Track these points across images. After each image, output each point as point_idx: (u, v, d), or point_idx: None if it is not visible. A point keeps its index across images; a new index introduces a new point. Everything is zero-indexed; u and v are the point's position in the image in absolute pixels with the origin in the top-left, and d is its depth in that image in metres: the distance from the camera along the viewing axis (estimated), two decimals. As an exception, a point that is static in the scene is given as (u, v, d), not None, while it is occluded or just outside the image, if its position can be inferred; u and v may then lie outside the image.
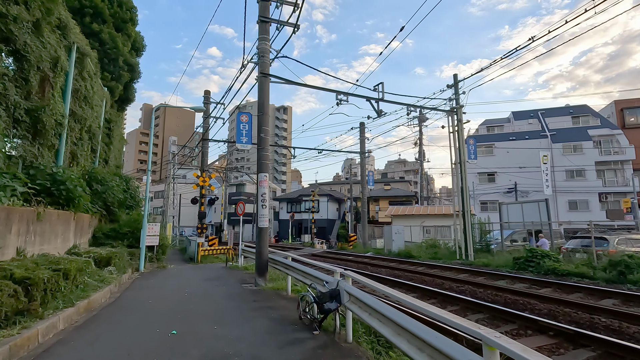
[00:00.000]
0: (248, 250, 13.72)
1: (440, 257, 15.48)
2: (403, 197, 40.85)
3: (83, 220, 10.97)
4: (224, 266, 14.51)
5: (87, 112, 13.37)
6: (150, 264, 13.07)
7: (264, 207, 10.00)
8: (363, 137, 22.27)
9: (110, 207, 13.73)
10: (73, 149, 12.77)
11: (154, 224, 13.51)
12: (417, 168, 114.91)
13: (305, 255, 19.16)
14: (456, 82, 14.93)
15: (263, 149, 10.20)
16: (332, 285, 5.53)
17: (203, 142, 18.47)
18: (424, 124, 30.77)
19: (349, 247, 22.78)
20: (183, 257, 17.86)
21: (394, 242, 18.19)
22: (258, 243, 9.94)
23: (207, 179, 16.83)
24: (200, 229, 16.18)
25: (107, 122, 17.64)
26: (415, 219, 22.98)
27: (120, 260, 10.03)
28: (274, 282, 9.75)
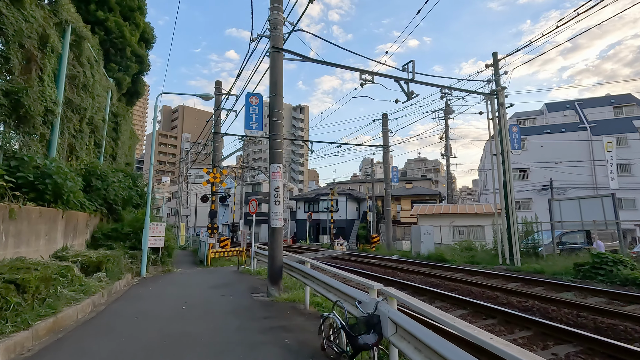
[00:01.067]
0: (261, 253, 12.30)
1: (479, 261, 13.60)
2: (426, 196, 38.69)
3: (77, 219, 9.80)
4: (235, 270, 13.15)
5: (87, 102, 12.29)
6: (154, 267, 11.84)
7: (277, 203, 8.52)
8: (386, 130, 20.53)
9: (113, 206, 12.61)
10: (71, 142, 11.71)
11: (159, 224, 12.29)
12: (438, 167, 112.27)
13: (324, 258, 17.63)
14: (496, 61, 13.02)
15: (276, 135, 8.73)
16: (367, 308, 3.97)
17: (214, 135, 17.24)
18: (449, 117, 28.69)
19: (371, 248, 21.10)
20: (194, 260, 16.66)
21: (423, 244, 16.40)
22: (271, 245, 8.46)
23: (218, 175, 15.58)
24: (211, 229, 14.92)
25: (113, 116, 16.66)
26: (443, 219, 21.05)
27: (114, 265, 8.78)
28: (290, 292, 8.26)
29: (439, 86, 11.73)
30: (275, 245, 8.40)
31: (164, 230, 12.40)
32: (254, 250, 12.76)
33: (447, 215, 20.98)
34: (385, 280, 10.28)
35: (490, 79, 13.16)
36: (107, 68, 16.62)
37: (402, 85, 11.04)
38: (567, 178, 30.73)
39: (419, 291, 8.70)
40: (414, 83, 11.13)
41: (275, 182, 8.55)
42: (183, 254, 20.08)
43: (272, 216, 8.48)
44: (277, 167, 8.63)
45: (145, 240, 11.13)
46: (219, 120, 17.60)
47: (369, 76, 10.56)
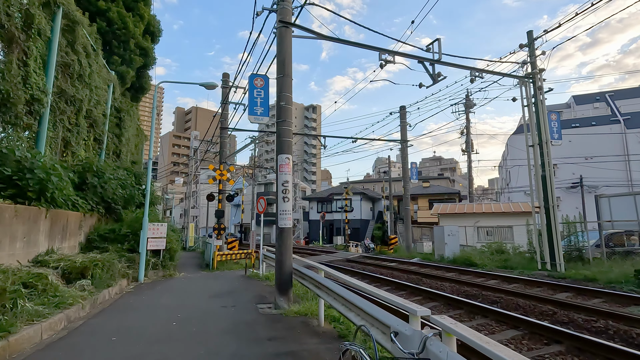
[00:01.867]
0: (270, 256, 11.18)
1: (513, 265, 12.13)
2: (445, 195, 37.00)
3: (67, 219, 8.88)
4: (242, 274, 12.08)
5: (84, 94, 11.44)
6: (154, 272, 10.87)
7: (286, 200, 7.37)
8: (404, 123, 19.17)
9: (112, 205, 11.71)
10: (66, 136, 10.86)
11: (160, 224, 11.32)
12: (454, 165, 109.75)
13: (339, 261, 16.41)
14: (531, 41, 11.55)
15: (284, 122, 7.58)
16: (408, 343, 2.76)
17: (221, 131, 16.26)
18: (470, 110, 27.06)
19: (389, 250, 19.74)
20: (200, 263, 15.69)
21: (447, 246, 14.99)
22: (278, 249, 7.31)
23: (225, 173, 14.58)
24: (218, 230, 13.91)
25: (116, 111, 15.87)
26: (467, 219, 19.52)
27: (104, 270, 7.79)
28: (301, 303, 7.11)
29: (469, 68, 10.35)
30: (284, 249, 7.24)
31: (165, 231, 11.42)
32: (262, 253, 11.66)
33: (471, 214, 19.45)
34: (411, 288, 9.00)
35: (525, 61, 11.69)
36: (110, 61, 15.86)
37: (427, 67, 9.74)
38: (598, 174, 28.64)
39: (452, 303, 7.40)
40: (441, 64, 9.82)
41: (284, 176, 7.40)
42: (190, 256, 19.20)
43: (279, 215, 7.33)
44: (286, 158, 7.48)
45: (144, 243, 10.16)
46: (226, 114, 16.61)
47: (390, 56, 9.30)
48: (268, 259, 11.42)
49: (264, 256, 11.62)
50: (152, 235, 11.09)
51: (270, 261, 11.18)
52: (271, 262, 11.12)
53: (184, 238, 24.36)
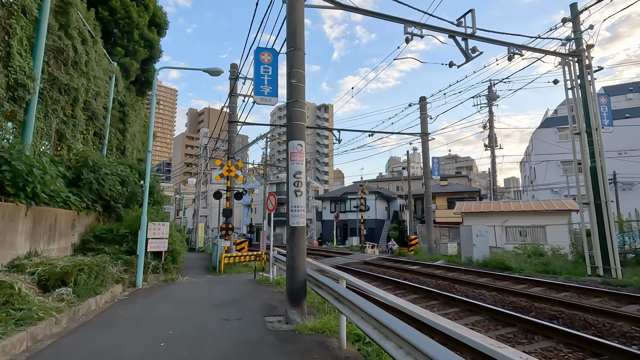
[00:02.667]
0: (281, 259, 10.08)
1: (556, 270, 10.69)
2: (464, 194, 35.30)
3: (55, 217, 7.97)
4: (251, 279, 11.03)
5: (79, 83, 10.59)
6: (154, 276, 9.90)
7: (298, 194, 6.24)
8: (425, 115, 17.83)
9: (111, 203, 10.82)
10: (60, 128, 10.02)
11: (161, 224, 10.35)
12: (471, 164, 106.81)
13: (356, 263, 15.20)
14: (576, 14, 10.12)
15: (295, 102, 6.45)
16: None
17: (229, 124, 15.28)
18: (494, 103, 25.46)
19: (409, 252, 18.41)
20: (208, 265, 14.73)
21: (476, 248, 13.60)
22: (290, 252, 6.18)
23: (233, 169, 13.59)
24: (225, 230, 12.91)
25: (120, 105, 15.08)
26: (494, 218, 18.01)
27: (91, 276, 6.81)
28: (317, 316, 5.98)
29: (507, 44, 9.00)
30: (296, 252, 6.11)
31: (167, 231, 10.46)
32: (273, 255, 10.57)
33: (498, 213, 17.93)
34: (443, 297, 7.73)
35: (569, 37, 10.26)
36: (112, 52, 15.10)
37: (459, 42, 8.46)
38: (634, 170, 26.56)
39: (498, 317, 6.12)
40: (475, 40, 8.52)
41: (295, 166, 6.27)
42: (198, 257, 18.31)
43: (291, 212, 6.21)
44: (298, 145, 6.35)
45: (142, 244, 9.20)
46: (235, 107, 15.62)
47: (417, 29, 8.06)
48: (279, 262, 10.32)
49: (275, 259, 10.53)
50: (153, 236, 10.14)
51: (282, 265, 10.08)
52: (282, 266, 10.02)
53: (194, 239, 23.55)
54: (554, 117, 31.89)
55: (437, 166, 18.61)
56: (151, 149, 9.62)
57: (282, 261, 10.01)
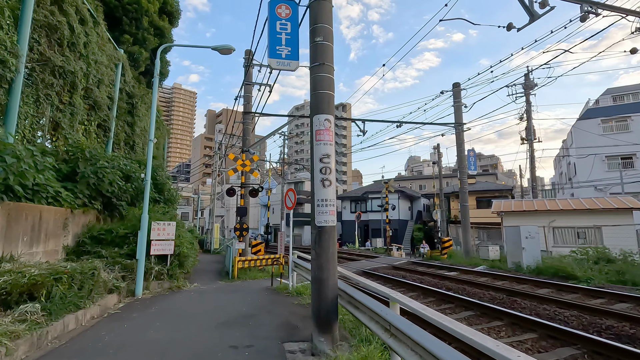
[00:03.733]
0: (302, 265, 8.66)
1: (637, 280, 8.79)
2: (495, 192, 32.95)
3: (39, 215, 6.82)
4: (268, 286, 9.66)
5: (77, 67, 9.52)
6: (158, 283, 8.66)
7: (326, 184, 4.77)
8: (459, 103, 16.06)
9: (113, 201, 9.70)
10: (55, 116, 8.96)
11: (166, 223, 9.13)
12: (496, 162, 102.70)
13: (384, 268, 13.61)
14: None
15: (321, 66, 5.00)
16: None
17: (244, 115, 14.02)
18: (531, 91, 23.23)
19: (441, 256, 16.62)
20: (221, 269, 13.48)
21: (526, 252, 11.76)
22: (316, 259, 4.71)
23: (248, 163, 12.30)
24: (240, 231, 11.61)
25: (128, 97, 14.09)
26: (538, 217, 15.98)
27: (73, 286, 5.58)
28: (352, 343, 4.52)
29: (581, 0, 7.26)
30: (325, 260, 4.64)
31: (173, 231, 9.23)
32: (292, 260, 9.15)
33: (544, 212, 15.88)
34: (509, 317, 6.07)
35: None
36: (120, 40, 14.12)
37: None
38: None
39: (613, 354, 4.44)
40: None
41: (323, 147, 4.82)
42: (213, 260, 17.16)
43: (317, 207, 4.75)
44: (326, 120, 4.90)
45: (142, 246, 7.96)
46: (249, 97, 14.36)
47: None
48: (300, 268, 8.90)
49: (295, 264, 9.10)
50: (157, 237, 8.93)
51: (303, 271, 8.66)
52: (305, 273, 8.60)
53: (209, 240, 22.52)
54: (596, 108, 29.21)
55: (474, 160, 16.77)
56: (153, 137, 8.38)
57: (303, 267, 8.58)
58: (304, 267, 8.50)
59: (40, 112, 8.41)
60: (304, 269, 8.59)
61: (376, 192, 37.37)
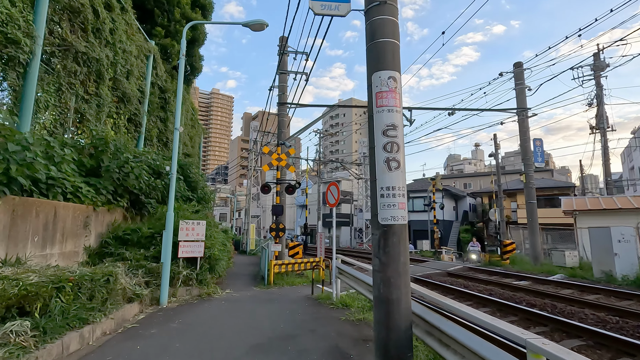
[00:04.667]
0: (349, 272, 7.32)
1: None
2: (554, 190, 29.59)
3: (54, 213, 6.07)
4: (308, 294, 8.44)
5: (103, 55, 8.90)
6: (186, 289, 7.73)
7: (393, 166, 3.40)
8: (522, 86, 13.94)
9: (140, 198, 8.98)
10: (80, 107, 8.35)
11: (196, 223, 8.21)
12: (546, 159, 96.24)
13: (437, 274, 11.92)
14: None
15: (382, 6, 3.66)
16: None
17: (279, 107, 12.98)
18: (601, 73, 20.27)
19: (503, 261, 14.49)
20: (256, 272, 12.49)
21: (619, 258, 9.60)
22: (380, 272, 3.35)
23: (284, 157, 11.21)
24: (276, 231, 10.52)
25: (160, 91, 13.56)
26: (623, 217, 13.45)
27: (77, 298, 4.66)
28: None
29: None
30: (392, 273, 3.27)
31: (203, 232, 8.29)
32: (336, 265, 7.84)
33: (631, 211, 13.33)
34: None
35: None
36: (151, 33, 13.64)
37: None
38: None
39: None
40: None
41: (386, 116, 3.46)
42: (248, 262, 16.31)
43: (380, 198, 3.39)
44: (390, 79, 3.54)
45: (167, 248, 7.04)
46: (284, 86, 13.29)
47: None
48: (345, 275, 7.57)
49: (339, 270, 7.79)
50: (186, 238, 8.02)
51: (351, 280, 7.32)
52: (351, 282, 7.27)
53: (245, 240, 21.85)
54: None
55: (541, 151, 14.49)
56: (179, 126, 7.45)
57: (350, 275, 7.24)
58: (351, 275, 7.16)
59: (63, 102, 7.80)
60: (350, 277, 7.25)
61: (418, 191, 35.17)
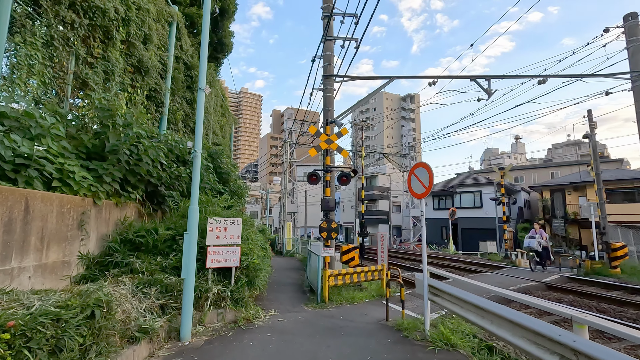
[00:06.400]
0: (448, 291, 4.87)
1: None
2: (634, 181, 25.33)
3: (26, 207, 4.08)
4: (380, 320, 6.07)
5: (110, 6, 6.96)
6: (217, 313, 5.59)
7: None
8: (638, 42, 10.80)
9: (159, 189, 7.01)
10: (81, 70, 6.46)
11: (229, 221, 6.08)
12: (602, 150, 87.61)
13: (534, 287, 9.15)
14: None
15: None
16: None
17: (324, 80, 10.67)
18: None
19: (612, 270, 11.29)
20: (300, 282, 10.28)
21: None
22: None
23: (334, 137, 8.91)
24: (327, 232, 8.25)
25: (186, 68, 11.69)
26: None
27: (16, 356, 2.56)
28: None
29: None
30: None
31: (239, 233, 6.15)
32: (428, 281, 5.38)
33: None
34: None
35: None
36: (175, 1, 11.77)
37: None
38: None
39: None
40: None
41: None
42: (287, 265, 14.19)
43: None
44: None
45: (189, 257, 4.89)
46: (330, 56, 10.97)
47: None
48: (440, 294, 5.12)
49: (433, 291, 5.34)
50: (216, 242, 5.91)
51: (446, 297, 4.88)
52: (447, 301, 4.83)
53: (280, 240, 19.83)
54: None
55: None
56: (204, 86, 5.29)
57: (450, 295, 4.79)
58: (450, 294, 4.70)
59: (57, 62, 5.91)
60: (450, 296, 4.80)
61: (467, 185, 31.84)
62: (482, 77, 10.77)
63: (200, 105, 5.29)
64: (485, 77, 10.73)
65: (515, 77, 10.72)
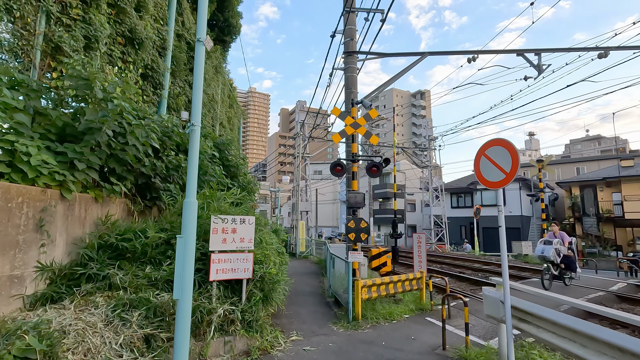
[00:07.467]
0: (543, 316, 3.43)
1: None
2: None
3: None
4: (436, 347, 4.64)
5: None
6: (224, 341, 4.23)
7: None
8: None
9: (152, 180, 5.69)
10: (53, 33, 5.16)
11: (238, 220, 4.73)
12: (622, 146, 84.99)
13: (602, 298, 7.60)
14: None
15: None
16: None
17: (346, 57, 9.26)
18: None
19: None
20: (320, 290, 8.86)
21: None
22: None
23: (362, 121, 7.50)
24: (356, 234, 6.85)
25: (188, 48, 10.40)
26: None
27: None
28: None
29: None
30: None
31: (251, 234, 4.81)
32: (510, 302, 3.93)
33: None
34: None
35: None
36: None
37: None
38: None
39: None
40: None
41: None
42: (302, 269, 12.81)
43: None
44: None
45: (185, 267, 3.52)
46: (352, 30, 9.55)
47: None
48: (522, 316, 3.67)
49: (518, 314, 3.88)
50: (222, 247, 4.57)
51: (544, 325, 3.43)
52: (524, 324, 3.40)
53: (293, 241, 18.49)
54: None
55: None
56: (204, 37, 3.94)
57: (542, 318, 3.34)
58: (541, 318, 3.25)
59: (17, 17, 4.63)
60: (552, 325, 3.36)
61: (487, 182, 30.03)
62: (530, 50, 9.23)
63: (199, 63, 3.93)
64: (534, 51, 9.19)
65: (570, 50, 9.15)
